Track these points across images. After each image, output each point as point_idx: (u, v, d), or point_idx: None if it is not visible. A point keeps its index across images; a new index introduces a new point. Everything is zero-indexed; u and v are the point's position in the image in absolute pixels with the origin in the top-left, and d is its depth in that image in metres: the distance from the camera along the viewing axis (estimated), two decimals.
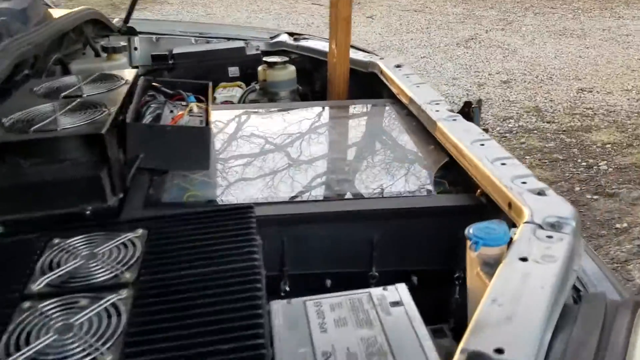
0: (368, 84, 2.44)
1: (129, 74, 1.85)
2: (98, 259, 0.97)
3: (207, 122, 1.61)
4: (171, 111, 1.70)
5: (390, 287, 1.22)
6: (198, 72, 2.66)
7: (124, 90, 1.67)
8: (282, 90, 2.41)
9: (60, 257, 0.98)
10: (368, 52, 2.68)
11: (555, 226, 1.10)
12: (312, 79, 2.78)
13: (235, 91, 2.45)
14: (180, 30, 2.90)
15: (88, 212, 1.33)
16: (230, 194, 1.51)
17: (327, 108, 2.18)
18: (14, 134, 1.32)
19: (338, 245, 1.45)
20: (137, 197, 1.43)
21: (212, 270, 0.95)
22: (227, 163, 1.72)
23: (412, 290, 1.45)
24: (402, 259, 1.48)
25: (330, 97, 2.48)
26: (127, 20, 2.73)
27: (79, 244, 1.03)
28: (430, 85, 2.06)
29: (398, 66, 2.33)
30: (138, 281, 0.93)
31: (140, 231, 1.07)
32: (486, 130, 1.81)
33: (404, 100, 2.06)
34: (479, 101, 1.84)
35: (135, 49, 2.78)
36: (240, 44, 2.75)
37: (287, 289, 1.45)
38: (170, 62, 2.61)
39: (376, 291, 1.20)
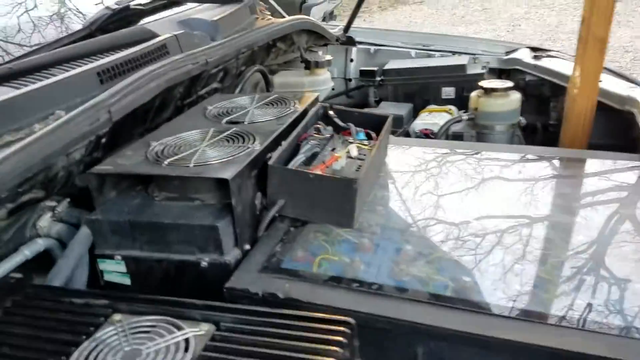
0: (623, 129, 1.80)
1: (308, 98, 1.67)
2: None
3: (363, 171, 1.31)
4: (333, 149, 1.45)
5: None
6: (408, 91, 2.37)
7: (288, 120, 1.49)
8: (498, 124, 1.94)
9: (102, 349, 0.83)
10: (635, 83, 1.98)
11: None
12: (549, 109, 2.21)
13: (440, 118, 2.07)
14: (403, 41, 2.62)
15: (204, 264, 1.19)
16: (368, 269, 1.19)
17: (548, 158, 1.64)
18: (145, 164, 1.24)
19: None
20: (260, 254, 1.23)
21: None
22: (387, 219, 1.40)
23: None
24: None
25: (562, 140, 1.91)
26: (347, 29, 2.58)
27: (134, 330, 0.86)
28: None
29: None
30: None
31: (205, 328, 0.86)
32: None
33: None
34: None
35: (351, 60, 2.61)
36: (464, 60, 2.33)
37: None
38: (378, 78, 2.36)
39: None
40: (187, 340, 0.84)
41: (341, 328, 0.83)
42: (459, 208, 1.39)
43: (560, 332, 0.96)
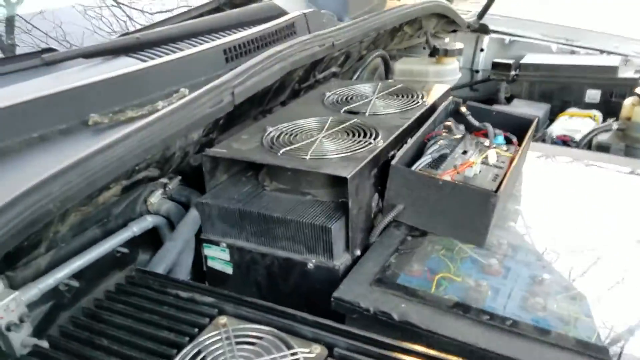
0: None
1: (437, 90, 1.51)
2: None
3: (504, 183, 1.14)
4: (464, 152, 1.29)
5: None
6: (546, 90, 2.11)
7: (414, 114, 1.34)
8: None
9: (205, 356, 0.75)
10: None
11: None
12: None
13: (582, 124, 1.81)
14: (543, 33, 2.34)
15: (311, 266, 1.10)
16: (496, 297, 1.02)
17: None
18: (260, 151, 1.16)
19: None
20: (372, 263, 1.10)
21: None
22: (520, 239, 1.21)
23: None
24: None
25: None
26: (481, 15, 2.34)
27: (239, 339, 0.77)
28: None
29: None
30: None
31: (317, 350, 0.75)
32: None
33: None
34: None
35: (482, 50, 2.38)
36: (615, 61, 2.03)
37: None
38: (513, 72, 2.12)
39: None
40: None
41: None
42: (608, 234, 1.18)
43: None
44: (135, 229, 1.19)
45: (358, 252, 1.14)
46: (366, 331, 0.80)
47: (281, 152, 1.14)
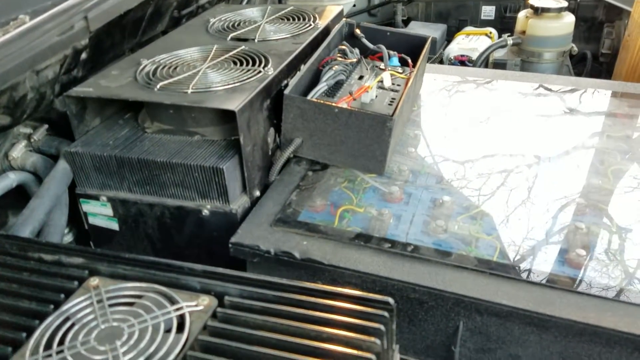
0: None
1: (330, 12, 1.41)
2: (111, 346, 0.62)
3: (399, 106, 1.09)
4: (360, 77, 1.22)
5: None
6: (442, 9, 2.08)
7: (306, 38, 1.24)
8: (547, 50, 1.68)
9: (72, 324, 0.65)
10: None
11: None
12: (601, 36, 1.93)
13: (479, 42, 1.80)
14: None
15: (205, 213, 1.01)
16: (398, 224, 0.99)
17: (599, 93, 1.40)
18: (133, 87, 1.02)
19: None
20: (272, 203, 1.03)
21: None
22: (420, 163, 1.19)
23: None
24: None
25: (618, 71, 1.66)
26: None
27: (114, 301, 0.68)
28: None
29: None
30: None
31: (205, 302, 0.68)
32: None
33: None
34: None
35: None
36: None
37: None
38: None
39: None
40: (181, 317, 0.66)
41: (379, 311, 0.65)
42: (508, 150, 1.18)
43: None
44: None
45: (257, 193, 1.07)
46: (266, 275, 0.73)
47: (158, 86, 1.01)
